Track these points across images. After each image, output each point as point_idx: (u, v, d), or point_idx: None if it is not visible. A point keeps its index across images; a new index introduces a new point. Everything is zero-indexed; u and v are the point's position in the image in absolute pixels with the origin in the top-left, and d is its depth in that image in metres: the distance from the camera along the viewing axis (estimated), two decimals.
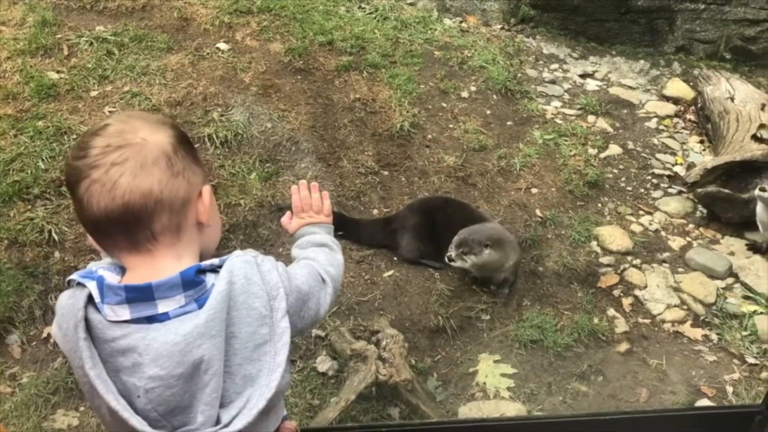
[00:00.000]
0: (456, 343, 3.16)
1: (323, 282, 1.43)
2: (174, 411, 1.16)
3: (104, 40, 4.12)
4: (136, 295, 1.16)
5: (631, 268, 3.58)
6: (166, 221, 1.20)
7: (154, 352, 1.14)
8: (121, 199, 1.15)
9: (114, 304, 1.16)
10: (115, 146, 1.17)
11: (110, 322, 1.16)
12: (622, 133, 4.48)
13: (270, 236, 3.33)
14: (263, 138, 3.71)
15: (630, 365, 3.13)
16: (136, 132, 1.20)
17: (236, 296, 1.20)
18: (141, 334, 1.15)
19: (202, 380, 1.15)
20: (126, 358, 1.15)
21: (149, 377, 1.14)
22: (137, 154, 1.17)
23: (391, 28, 4.75)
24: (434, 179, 3.78)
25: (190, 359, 1.14)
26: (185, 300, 1.17)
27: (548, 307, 3.35)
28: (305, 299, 1.35)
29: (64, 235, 3.13)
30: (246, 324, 1.20)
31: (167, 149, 1.20)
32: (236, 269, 1.22)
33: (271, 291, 1.24)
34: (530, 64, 4.93)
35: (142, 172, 1.16)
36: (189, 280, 1.17)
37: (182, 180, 1.21)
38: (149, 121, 1.24)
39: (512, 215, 3.70)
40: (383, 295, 3.21)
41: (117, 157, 1.16)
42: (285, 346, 1.23)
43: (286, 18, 4.59)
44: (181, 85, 3.91)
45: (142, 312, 1.16)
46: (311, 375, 2.89)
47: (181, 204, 1.22)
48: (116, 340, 1.16)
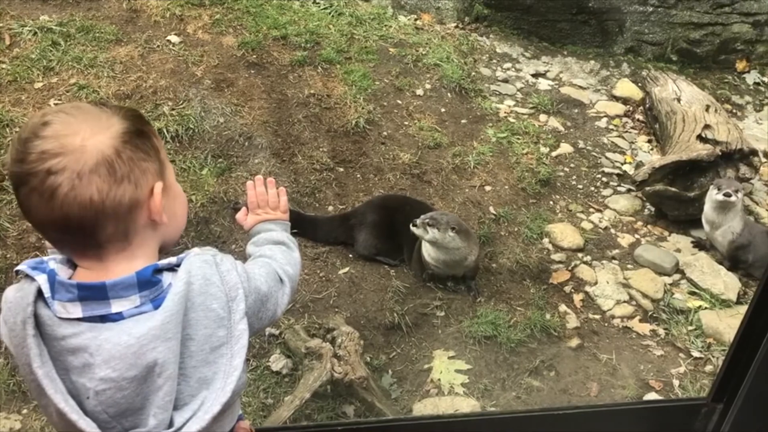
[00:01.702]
0: (411, 339, 3.16)
1: (281, 282, 1.40)
2: (125, 413, 1.12)
3: (49, 30, 3.98)
4: (90, 293, 1.11)
5: (581, 265, 3.64)
6: (111, 230, 1.13)
7: (106, 353, 1.09)
8: (60, 210, 1.08)
9: (65, 301, 1.11)
10: (51, 153, 1.08)
11: (61, 319, 1.10)
12: (573, 132, 4.55)
13: (222, 233, 3.28)
14: (215, 133, 3.65)
15: (581, 360, 3.19)
16: (76, 134, 1.10)
17: (194, 297, 1.16)
18: (93, 333, 1.10)
19: (155, 383, 1.11)
20: (76, 357, 1.10)
21: (100, 379, 1.09)
22: (75, 163, 1.08)
23: (346, 24, 4.72)
24: (389, 176, 3.77)
25: (143, 362, 1.10)
26: (140, 300, 1.12)
27: (502, 303, 3.38)
28: (264, 300, 1.31)
29: (6, 231, 3.02)
30: (203, 326, 1.16)
31: (108, 153, 1.11)
32: (195, 269, 1.17)
33: (230, 292, 1.20)
34: (484, 62, 4.97)
35: (79, 182, 1.08)
36: (145, 280, 1.13)
37: (127, 184, 1.13)
38: (91, 117, 1.14)
39: (466, 212, 3.72)
40: (338, 292, 3.19)
41: (54, 165, 1.07)
42: (242, 349, 1.19)
43: (239, 11, 4.52)
44: (131, 78, 3.81)
45: (95, 311, 1.11)
46: (265, 374, 2.85)
47: (128, 210, 1.14)
48: (66, 338, 1.10)
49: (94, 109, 1.18)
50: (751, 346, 1.79)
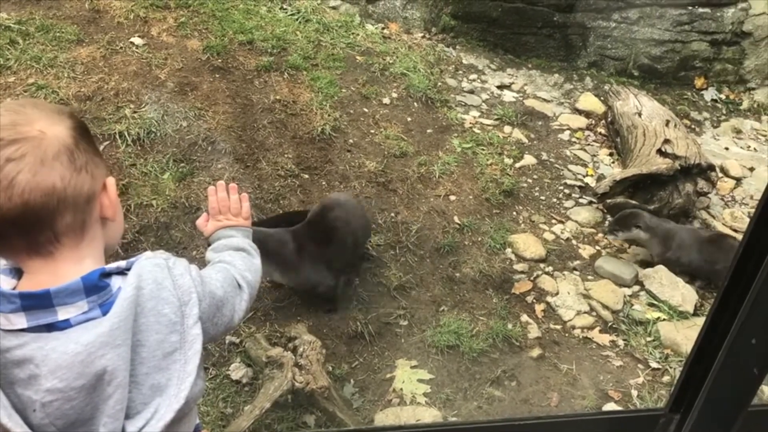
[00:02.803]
0: (374, 348, 3.15)
1: (239, 287, 1.37)
2: (74, 424, 1.08)
3: (7, 27, 3.89)
4: (33, 302, 1.07)
5: (543, 275, 3.67)
6: (69, 220, 1.11)
7: (52, 362, 1.05)
8: (20, 198, 1.05)
9: (8, 313, 1.07)
10: (8, 140, 1.06)
11: (4, 331, 1.07)
12: (537, 144, 4.60)
13: (183, 239, 3.22)
14: (178, 137, 3.59)
15: (542, 370, 3.21)
16: (32, 123, 1.09)
17: (144, 302, 1.13)
18: (39, 344, 1.06)
19: (105, 392, 1.08)
20: (21, 369, 1.06)
21: (47, 390, 1.05)
22: (36, 149, 1.07)
23: (313, 31, 4.71)
24: (355, 184, 3.76)
25: (92, 370, 1.06)
26: (88, 306, 1.09)
27: (464, 312, 3.39)
28: (219, 305, 1.29)
29: None
30: (154, 331, 1.14)
31: (68, 142, 1.11)
32: (145, 273, 1.15)
33: (183, 296, 1.17)
34: (450, 73, 5.00)
35: (42, 168, 1.06)
36: (92, 285, 1.10)
37: (86, 174, 1.13)
38: (44, 110, 1.13)
39: (431, 221, 3.73)
40: (301, 300, 3.16)
41: (12, 153, 1.05)
42: (196, 354, 1.17)
43: (205, 15, 4.47)
44: (92, 79, 3.74)
45: (41, 320, 1.07)
46: (224, 383, 2.80)
47: (86, 200, 1.14)
48: (11, 350, 1.06)
49: (44, 104, 1.16)
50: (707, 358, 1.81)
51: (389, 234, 3.58)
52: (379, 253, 3.48)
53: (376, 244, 3.50)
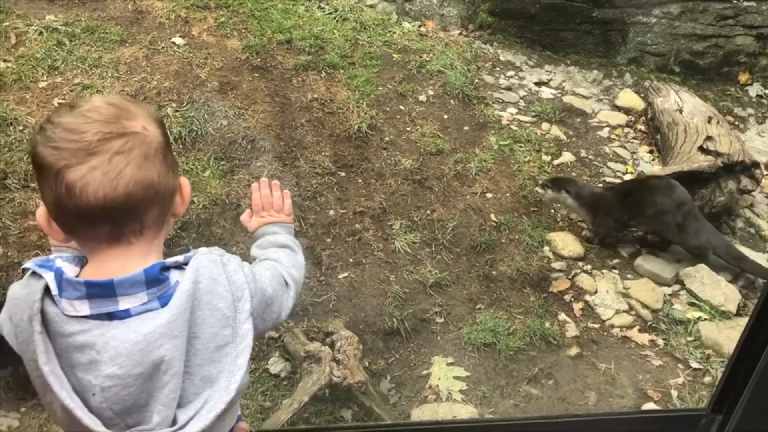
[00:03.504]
0: (410, 345, 3.17)
1: (286, 285, 1.40)
2: (129, 410, 1.13)
3: (55, 29, 4.00)
4: (97, 291, 1.11)
5: (582, 274, 3.64)
6: (156, 214, 1.18)
7: (113, 350, 1.10)
8: (124, 189, 1.10)
9: (73, 299, 1.11)
10: (117, 133, 1.11)
11: (68, 316, 1.11)
12: (575, 141, 4.56)
13: (224, 235, 3.28)
14: (218, 135, 3.65)
15: (580, 369, 3.19)
16: (135, 119, 1.15)
17: (200, 296, 1.17)
18: (100, 330, 1.11)
19: (160, 380, 1.12)
20: (83, 354, 1.11)
21: (106, 375, 1.10)
22: (142, 144, 1.13)
23: (350, 29, 4.74)
24: (391, 182, 3.78)
25: (150, 359, 1.11)
26: (148, 298, 1.13)
27: (501, 310, 3.38)
28: (269, 302, 1.32)
29: (7, 229, 3.02)
30: (209, 325, 1.17)
31: (162, 141, 1.18)
32: (202, 268, 1.19)
33: (236, 292, 1.21)
34: (487, 70, 4.98)
35: (146, 163, 1.13)
36: (153, 277, 1.14)
37: (172, 173, 1.20)
38: (141, 107, 1.19)
39: (467, 219, 3.73)
40: (338, 296, 3.20)
41: (121, 146, 1.11)
42: (247, 348, 1.20)
43: (244, 15, 4.53)
44: (135, 78, 3.82)
45: (103, 308, 1.12)
46: (263, 376, 2.85)
47: (170, 196, 1.21)
48: (73, 335, 1.11)
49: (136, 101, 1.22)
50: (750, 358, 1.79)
51: (425, 231, 3.59)
52: (414, 250, 3.49)
53: (411, 242, 3.52)
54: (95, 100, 1.17)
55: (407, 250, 3.49)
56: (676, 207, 3.63)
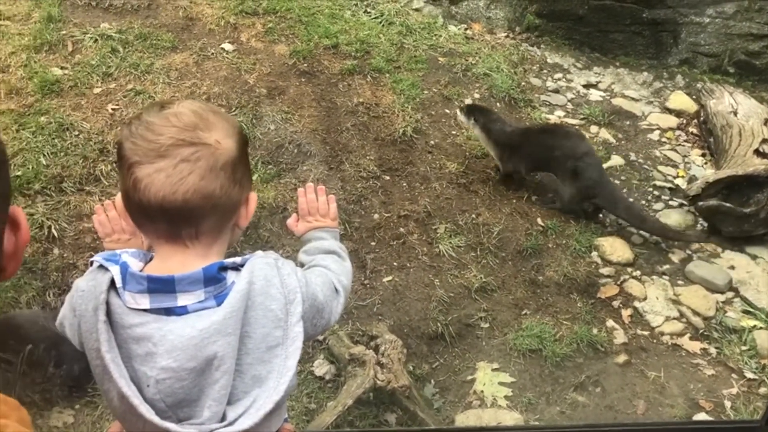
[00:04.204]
0: (454, 350, 3.15)
1: (336, 292, 1.43)
2: (181, 403, 1.16)
3: (109, 37, 4.11)
4: (158, 286, 1.16)
5: (631, 280, 3.57)
6: (213, 223, 1.21)
7: (169, 343, 1.14)
8: (183, 195, 1.15)
9: (135, 292, 1.17)
10: (189, 142, 1.16)
11: (129, 308, 1.17)
12: (625, 144, 4.48)
13: (270, 238, 3.32)
14: (266, 140, 3.71)
15: (628, 377, 3.12)
16: (211, 131, 1.19)
17: (254, 296, 1.20)
18: (158, 324, 1.16)
19: (212, 376, 1.16)
20: (140, 346, 1.16)
21: (161, 368, 1.14)
22: (210, 156, 1.17)
23: (396, 33, 4.75)
24: (436, 185, 3.77)
25: (203, 354, 1.15)
26: (205, 295, 1.18)
27: (548, 316, 3.34)
28: (320, 308, 1.35)
29: (63, 231, 3.12)
30: (261, 325, 1.21)
31: (234, 156, 1.21)
32: (257, 270, 1.22)
33: (289, 295, 1.24)
34: (534, 72, 4.93)
35: (209, 174, 1.16)
36: (211, 276, 1.18)
37: (238, 188, 1.23)
38: (222, 120, 1.23)
39: (513, 223, 3.70)
40: (382, 300, 3.21)
41: (189, 154, 1.15)
42: (297, 351, 1.23)
43: (292, 20, 4.59)
44: (185, 84, 3.91)
45: (162, 303, 1.17)
46: (309, 378, 2.88)
47: (232, 209, 1.24)
48: (133, 327, 1.16)
49: (221, 113, 1.27)
50: None
51: (470, 235, 3.57)
52: (459, 254, 3.48)
53: (456, 246, 3.50)
54: (184, 104, 1.22)
55: (452, 254, 3.48)
56: (578, 155, 3.71)
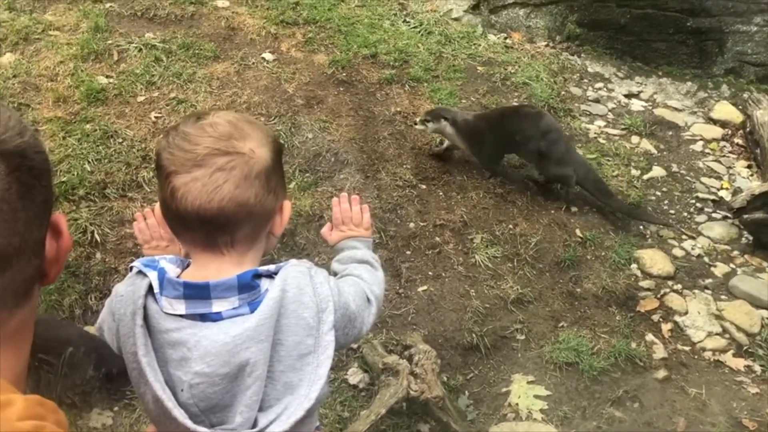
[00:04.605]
0: (489, 362, 3.12)
1: (369, 302, 1.43)
2: (214, 408, 1.18)
3: (153, 46, 4.21)
4: (194, 292, 1.19)
5: (671, 293, 3.50)
6: (248, 231, 1.23)
7: (203, 349, 1.17)
8: (218, 204, 1.17)
9: (171, 298, 1.20)
10: (223, 151, 1.19)
11: (166, 314, 1.20)
12: (667, 155, 4.40)
13: (306, 245, 3.34)
14: (304, 148, 3.74)
15: (668, 393, 3.06)
16: (245, 140, 1.21)
17: (287, 304, 1.22)
18: (193, 330, 1.18)
19: (245, 382, 1.17)
20: (175, 351, 1.19)
21: (195, 373, 1.16)
22: (244, 165, 1.19)
23: (435, 43, 4.75)
24: (473, 195, 3.75)
25: (236, 360, 1.16)
26: (239, 302, 1.20)
27: (585, 329, 3.29)
28: (351, 317, 1.35)
29: (106, 236, 3.19)
30: (293, 333, 1.22)
31: (269, 165, 1.23)
32: (290, 278, 1.24)
33: (321, 303, 1.25)
34: (574, 82, 4.88)
35: (244, 183, 1.19)
36: (245, 283, 1.20)
37: (273, 196, 1.25)
38: (257, 130, 1.25)
39: (551, 234, 3.65)
40: (417, 309, 3.20)
41: (224, 163, 1.18)
42: (328, 359, 1.24)
43: (331, 30, 4.63)
44: (226, 93, 3.97)
45: (197, 309, 1.19)
46: (342, 386, 2.88)
47: (266, 217, 1.26)
48: (169, 332, 1.19)
49: (256, 123, 1.29)
50: None
51: (507, 246, 3.54)
52: (495, 265, 3.45)
53: (492, 256, 3.48)
54: (219, 115, 1.25)
55: (488, 264, 3.46)
56: (541, 134, 3.66)
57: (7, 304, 0.79)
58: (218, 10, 4.61)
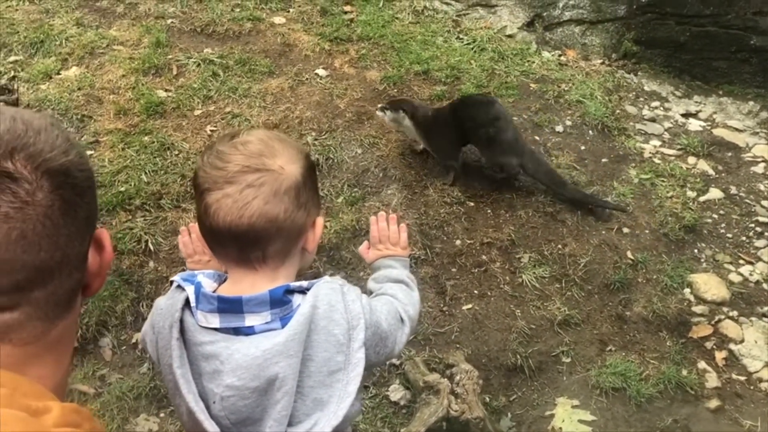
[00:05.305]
0: (533, 383, 3.08)
1: (402, 322, 1.44)
2: (245, 422, 1.20)
3: (211, 62, 4.33)
4: (227, 306, 1.22)
5: (726, 320, 3.38)
6: (279, 246, 1.26)
7: (234, 362, 1.19)
8: (248, 219, 1.20)
9: (206, 312, 1.23)
10: (254, 168, 1.22)
11: (201, 327, 1.23)
12: (725, 176, 4.26)
13: (352, 260, 3.37)
14: (353, 163, 3.78)
15: (720, 424, 2.95)
16: (275, 158, 1.24)
17: (318, 320, 1.23)
18: (226, 343, 1.21)
19: (274, 397, 1.19)
20: (208, 363, 1.21)
21: (226, 385, 1.19)
22: (273, 182, 1.22)
23: (487, 60, 4.74)
24: (521, 213, 3.72)
25: (266, 374, 1.18)
26: (271, 317, 1.22)
27: (634, 354, 3.21)
28: (383, 336, 1.36)
29: (159, 245, 3.28)
30: (323, 349, 1.23)
31: (299, 180, 1.25)
32: (322, 294, 1.26)
33: (352, 320, 1.26)
34: (630, 100, 4.79)
35: (273, 199, 1.21)
36: (277, 298, 1.22)
37: (303, 211, 1.27)
38: (287, 147, 1.29)
39: (601, 255, 3.58)
40: (461, 328, 3.18)
41: (254, 180, 1.21)
42: (357, 376, 1.25)
43: (384, 47, 4.67)
44: (280, 108, 4.05)
45: (231, 323, 1.22)
46: (383, 403, 2.88)
47: (298, 233, 1.28)
48: (203, 345, 1.22)
49: (287, 141, 1.32)
50: None
51: (555, 266, 3.49)
52: (543, 285, 3.41)
53: (540, 276, 3.43)
54: (252, 134, 1.29)
55: (535, 284, 3.41)
56: (489, 120, 3.64)
57: (49, 315, 0.83)
58: (274, 27, 4.71)
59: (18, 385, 0.76)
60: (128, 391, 2.82)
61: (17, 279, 0.78)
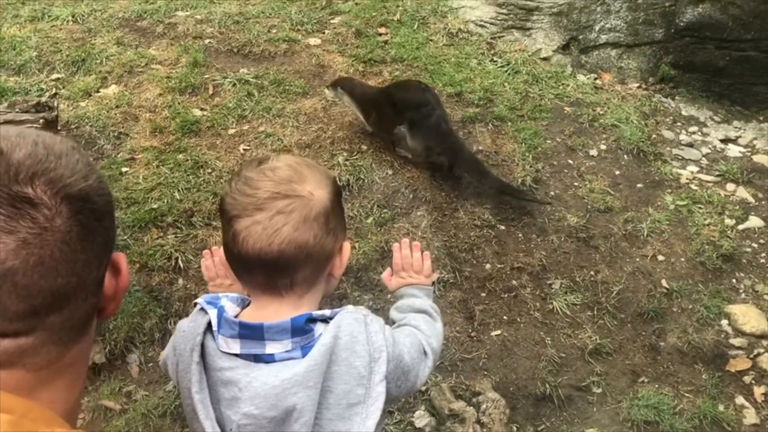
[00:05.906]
0: (563, 414, 3.00)
1: (425, 355, 1.41)
2: None
3: (246, 81, 4.37)
4: (249, 332, 1.20)
5: (766, 354, 3.27)
6: (307, 273, 1.25)
7: (253, 390, 1.17)
8: (278, 246, 1.19)
9: (228, 337, 1.21)
10: (283, 194, 1.21)
11: (222, 352, 1.21)
12: (766, 204, 4.15)
13: (380, 282, 3.34)
14: (383, 184, 3.77)
15: None
16: (304, 183, 1.24)
17: (339, 351, 1.21)
18: (245, 370, 1.19)
19: (291, 427, 1.16)
20: (227, 389, 1.19)
21: (244, 413, 1.17)
22: (303, 207, 1.21)
23: (521, 82, 4.71)
24: (553, 238, 3.66)
25: (284, 404, 1.16)
26: (292, 345, 1.20)
27: (667, 386, 3.12)
28: (405, 370, 1.33)
29: (189, 263, 3.31)
30: (343, 381, 1.21)
31: (327, 207, 1.24)
32: (344, 325, 1.23)
33: (374, 353, 1.24)
34: (667, 125, 4.70)
35: (303, 225, 1.21)
36: (298, 327, 1.20)
37: (332, 237, 1.26)
38: (316, 173, 1.28)
39: (635, 283, 3.50)
40: (489, 354, 3.12)
41: (284, 206, 1.20)
42: (377, 411, 1.21)
43: (418, 68, 4.67)
44: (312, 128, 4.07)
45: (251, 349, 1.20)
46: (408, 429, 2.84)
47: (326, 259, 1.27)
48: (223, 370, 1.20)
49: (315, 166, 1.32)
50: None
51: (587, 293, 3.42)
52: (574, 313, 3.34)
53: (572, 303, 3.36)
54: (280, 159, 1.28)
55: (566, 311, 3.34)
56: (416, 105, 3.76)
57: (64, 340, 0.83)
58: (310, 48, 4.75)
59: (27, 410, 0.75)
60: (153, 409, 2.83)
61: (34, 304, 0.78)
